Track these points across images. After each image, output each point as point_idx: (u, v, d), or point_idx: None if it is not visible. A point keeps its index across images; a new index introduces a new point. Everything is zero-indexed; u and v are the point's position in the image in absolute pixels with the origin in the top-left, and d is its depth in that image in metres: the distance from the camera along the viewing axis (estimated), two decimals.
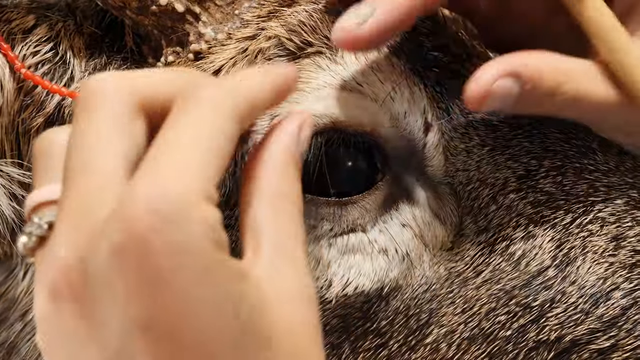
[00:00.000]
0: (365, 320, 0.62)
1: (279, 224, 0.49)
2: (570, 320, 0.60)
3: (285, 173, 0.51)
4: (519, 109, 0.59)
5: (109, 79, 0.49)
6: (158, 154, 0.46)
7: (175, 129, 0.47)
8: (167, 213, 0.43)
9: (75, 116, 0.49)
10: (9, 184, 0.63)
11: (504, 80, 0.56)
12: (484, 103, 0.57)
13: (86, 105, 0.49)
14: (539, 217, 0.62)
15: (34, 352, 0.67)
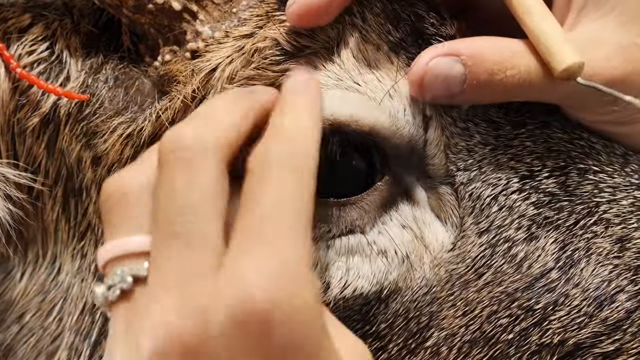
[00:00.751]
0: (364, 323, 0.61)
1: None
2: (574, 323, 0.59)
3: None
4: (471, 95, 0.59)
5: (201, 135, 0.50)
6: (252, 222, 0.48)
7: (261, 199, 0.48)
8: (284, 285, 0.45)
9: (166, 168, 0.49)
10: (4, 185, 0.63)
11: (441, 58, 0.58)
12: (424, 84, 0.59)
13: (180, 159, 0.49)
14: (542, 219, 0.61)
15: (31, 354, 0.67)
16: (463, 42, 0.60)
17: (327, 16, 0.59)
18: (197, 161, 0.49)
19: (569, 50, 0.57)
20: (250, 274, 0.46)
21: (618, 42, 0.60)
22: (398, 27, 0.62)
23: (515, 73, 0.58)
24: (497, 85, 0.59)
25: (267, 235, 0.47)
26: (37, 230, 0.67)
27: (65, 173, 0.65)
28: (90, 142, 0.64)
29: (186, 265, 0.47)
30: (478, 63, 0.58)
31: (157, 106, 0.62)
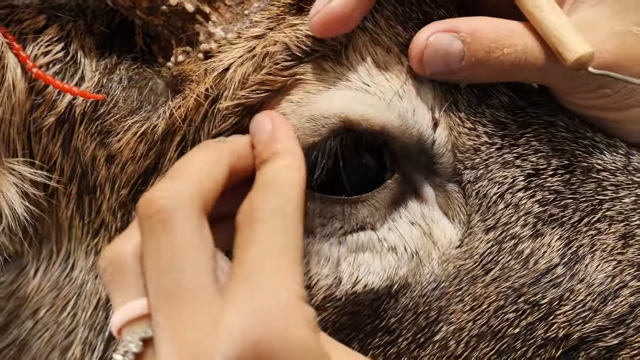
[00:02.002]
0: (374, 317, 0.62)
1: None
2: (579, 317, 0.61)
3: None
4: (469, 72, 0.61)
5: (173, 193, 0.52)
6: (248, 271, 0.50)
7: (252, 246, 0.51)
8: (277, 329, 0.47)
9: (147, 233, 0.52)
10: (21, 182, 0.64)
11: (440, 34, 0.60)
12: (424, 58, 0.60)
13: (157, 222, 0.51)
14: (547, 216, 0.63)
15: (45, 349, 0.67)
16: (462, 20, 0.61)
17: (349, 25, 0.61)
18: (172, 220, 0.51)
19: (581, 41, 0.59)
20: (243, 319, 0.48)
21: (611, 28, 0.62)
22: (407, 28, 0.63)
23: (512, 51, 0.60)
24: (494, 63, 0.60)
25: (257, 280, 0.49)
26: (51, 227, 0.68)
27: (80, 171, 0.66)
28: (104, 141, 0.65)
29: (182, 320, 0.49)
30: (476, 40, 0.60)
31: (171, 104, 0.63)
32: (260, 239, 0.51)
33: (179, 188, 0.52)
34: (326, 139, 0.61)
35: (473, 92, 0.64)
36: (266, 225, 0.52)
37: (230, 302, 0.49)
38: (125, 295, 0.53)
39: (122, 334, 0.53)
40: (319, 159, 0.61)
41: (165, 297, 0.50)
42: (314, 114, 0.61)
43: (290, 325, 0.48)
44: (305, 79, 0.62)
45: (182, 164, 0.56)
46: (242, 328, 0.47)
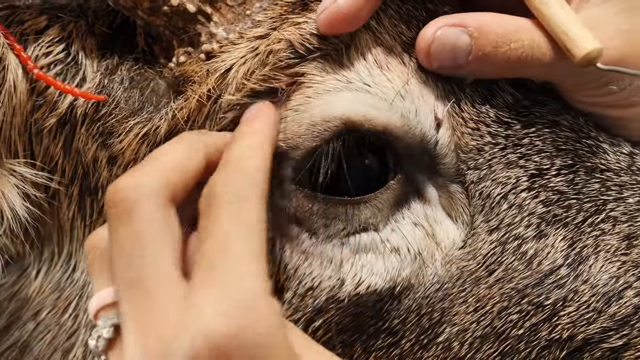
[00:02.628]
0: (377, 319, 0.62)
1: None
2: (583, 318, 0.60)
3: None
4: (476, 67, 0.61)
5: (138, 183, 0.52)
6: (211, 261, 0.50)
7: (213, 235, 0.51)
8: (241, 316, 0.47)
9: (112, 222, 0.52)
10: (22, 184, 0.64)
11: (448, 28, 0.60)
12: (431, 52, 0.61)
13: (122, 212, 0.51)
14: (550, 216, 0.62)
15: (47, 350, 0.67)
16: (470, 15, 0.62)
17: (357, 23, 0.61)
18: (136, 209, 0.51)
19: (589, 37, 0.59)
20: (209, 308, 0.47)
21: (618, 26, 0.62)
22: (410, 27, 0.63)
23: (519, 46, 0.60)
24: (501, 58, 0.60)
25: (221, 268, 0.49)
26: (53, 229, 0.67)
27: (82, 172, 0.66)
28: (106, 142, 0.65)
29: (147, 307, 0.49)
30: (484, 35, 0.60)
31: (173, 105, 0.63)
32: (221, 226, 0.51)
33: (144, 178, 0.52)
34: (328, 142, 0.61)
35: (477, 91, 0.64)
36: (227, 212, 0.51)
37: (195, 294, 0.48)
38: (100, 282, 0.54)
39: (97, 320, 0.53)
40: (322, 162, 0.61)
41: (128, 285, 0.50)
42: (314, 120, 0.61)
43: (256, 318, 0.48)
44: (305, 81, 0.62)
45: (153, 155, 0.56)
46: (206, 321, 0.47)
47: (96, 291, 0.54)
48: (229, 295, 0.48)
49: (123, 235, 0.51)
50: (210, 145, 0.57)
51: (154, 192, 0.52)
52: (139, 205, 0.51)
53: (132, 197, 0.51)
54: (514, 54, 0.60)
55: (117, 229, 0.51)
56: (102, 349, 0.52)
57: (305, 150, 0.61)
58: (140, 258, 0.50)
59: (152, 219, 0.51)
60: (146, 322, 0.49)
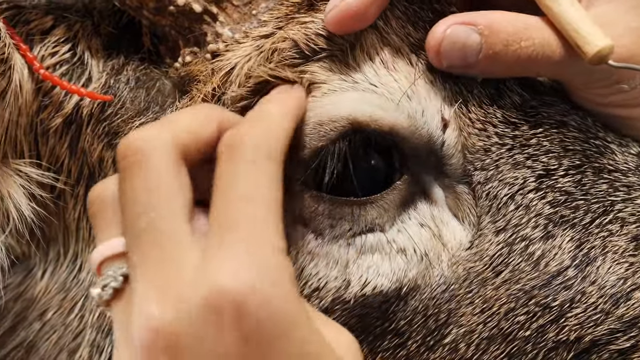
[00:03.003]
0: (383, 320, 0.62)
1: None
2: (590, 320, 0.60)
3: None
4: (486, 66, 0.60)
5: (150, 136, 0.52)
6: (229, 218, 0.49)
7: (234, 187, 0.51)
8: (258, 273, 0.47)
9: (123, 173, 0.52)
10: (28, 184, 0.64)
11: (458, 27, 0.60)
12: (441, 51, 0.60)
13: (133, 163, 0.51)
14: (558, 217, 0.62)
15: (53, 351, 0.67)
16: (480, 14, 0.61)
17: (365, 21, 0.61)
18: (148, 161, 0.51)
19: (600, 34, 0.59)
20: (226, 264, 0.47)
21: (628, 23, 0.62)
22: (417, 28, 0.63)
23: (530, 45, 0.60)
24: (511, 57, 0.60)
25: (241, 225, 0.49)
26: (58, 229, 0.67)
27: (87, 172, 0.66)
28: (112, 142, 0.65)
29: (161, 259, 0.49)
30: (494, 33, 0.60)
31: (178, 105, 0.63)
32: (242, 180, 0.51)
33: (157, 132, 0.52)
34: (335, 142, 0.61)
35: (484, 92, 0.63)
36: (250, 164, 0.51)
37: (211, 249, 0.48)
38: (108, 232, 0.53)
39: (102, 269, 0.53)
40: (328, 162, 0.60)
41: (139, 236, 0.50)
42: (321, 119, 0.61)
43: (271, 279, 0.48)
44: (311, 81, 0.61)
45: (168, 116, 0.56)
46: (221, 278, 0.47)
47: (102, 241, 0.53)
48: (247, 254, 0.48)
49: (135, 186, 0.51)
50: (225, 120, 0.56)
51: (167, 146, 0.51)
52: (151, 156, 0.51)
53: (145, 148, 0.51)
54: (524, 53, 0.60)
55: (129, 179, 0.51)
56: (106, 299, 0.52)
57: (311, 150, 0.60)
58: (153, 209, 0.50)
59: (165, 171, 0.51)
60: (160, 274, 0.48)
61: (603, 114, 0.66)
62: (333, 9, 0.60)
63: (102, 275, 0.52)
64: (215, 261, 0.48)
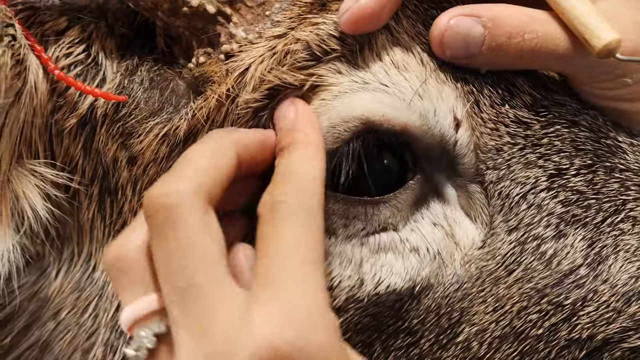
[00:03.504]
0: (396, 318, 0.62)
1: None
2: (602, 318, 0.60)
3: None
4: (489, 57, 0.61)
5: (174, 190, 0.52)
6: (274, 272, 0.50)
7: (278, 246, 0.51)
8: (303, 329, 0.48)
9: (153, 232, 0.52)
10: (42, 184, 0.64)
11: (462, 18, 0.61)
12: (444, 41, 0.61)
13: (162, 221, 0.51)
14: (570, 216, 0.62)
15: (67, 350, 0.68)
16: (484, 6, 0.62)
17: (379, 22, 0.61)
18: (177, 218, 0.51)
19: (607, 28, 0.59)
20: (272, 321, 0.48)
21: (633, 17, 0.62)
22: (428, 26, 0.63)
23: (533, 37, 0.60)
24: (514, 49, 0.61)
25: (286, 282, 0.50)
26: (73, 229, 0.68)
27: (102, 172, 0.66)
28: (126, 143, 0.65)
29: (205, 315, 0.49)
30: (498, 25, 0.60)
31: (193, 105, 0.63)
32: (284, 236, 0.52)
33: (181, 184, 0.52)
34: (348, 142, 0.61)
35: (496, 92, 0.64)
36: (290, 222, 0.52)
37: (256, 305, 0.49)
38: (134, 291, 0.53)
39: (134, 330, 0.53)
40: (342, 163, 0.61)
41: (180, 293, 0.50)
42: (333, 121, 0.61)
43: (316, 333, 0.48)
44: (321, 84, 0.62)
45: (186, 157, 0.56)
46: (267, 333, 0.48)
47: (130, 301, 0.53)
48: (290, 313, 0.48)
49: (169, 245, 0.51)
50: (239, 143, 0.57)
51: (193, 197, 0.52)
52: (180, 211, 0.51)
53: (172, 203, 0.51)
54: (527, 45, 0.61)
55: (161, 238, 0.51)
56: (143, 359, 0.52)
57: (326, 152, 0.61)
58: (191, 266, 0.50)
59: (196, 225, 0.51)
60: (206, 330, 0.49)
61: (608, 109, 0.66)
62: (347, 11, 0.60)
63: (135, 337, 0.53)
64: (261, 317, 0.48)
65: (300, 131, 0.59)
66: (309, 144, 0.58)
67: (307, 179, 0.55)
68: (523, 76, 0.65)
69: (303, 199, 0.53)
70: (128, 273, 0.54)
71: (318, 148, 0.58)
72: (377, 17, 0.60)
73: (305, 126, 0.59)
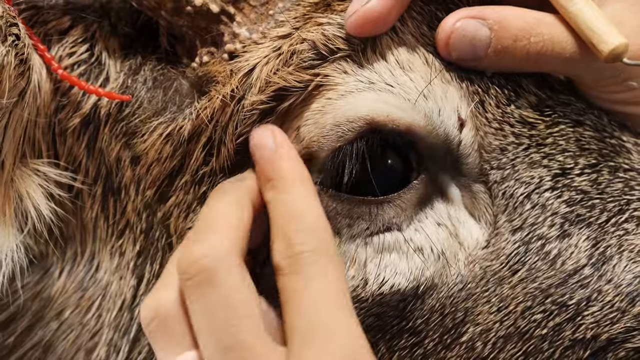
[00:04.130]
0: (400, 318, 0.62)
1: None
2: (607, 318, 0.60)
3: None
4: (495, 60, 0.61)
5: (211, 250, 0.53)
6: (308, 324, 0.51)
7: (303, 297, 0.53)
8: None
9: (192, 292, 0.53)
10: (46, 183, 0.64)
11: (468, 20, 0.61)
12: (450, 43, 0.61)
13: (202, 282, 0.53)
14: (574, 216, 0.62)
15: (70, 350, 0.68)
16: (490, 8, 0.62)
17: (386, 25, 0.61)
18: (216, 277, 0.53)
19: (615, 32, 0.59)
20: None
21: (638, 23, 0.62)
22: (433, 27, 0.63)
23: (539, 40, 0.60)
24: (520, 52, 0.61)
25: (318, 332, 0.51)
26: (76, 228, 0.68)
27: (105, 172, 0.66)
28: (129, 142, 0.65)
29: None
30: (504, 28, 0.60)
31: (197, 105, 0.63)
32: (315, 289, 0.53)
33: (218, 245, 0.54)
34: (352, 142, 0.61)
35: (501, 92, 0.64)
36: (316, 272, 0.53)
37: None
38: (172, 350, 0.55)
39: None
40: (346, 163, 0.61)
41: (225, 351, 0.51)
42: (338, 120, 0.61)
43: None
44: (327, 83, 0.62)
45: (210, 217, 0.57)
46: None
47: (170, 358, 0.54)
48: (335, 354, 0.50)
49: (212, 304, 0.52)
50: (252, 191, 0.59)
51: (230, 256, 0.53)
52: (218, 271, 0.52)
53: (212, 266, 0.53)
54: (533, 48, 0.61)
55: (203, 298, 0.52)
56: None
57: (329, 150, 0.61)
58: (237, 325, 0.51)
59: (235, 282, 0.53)
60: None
61: (615, 112, 0.66)
62: (354, 14, 0.60)
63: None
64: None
65: (286, 161, 0.58)
66: (299, 181, 0.57)
67: (314, 221, 0.56)
68: (529, 77, 0.65)
69: (320, 244, 0.54)
70: (166, 330, 0.55)
71: (309, 181, 0.58)
72: (383, 20, 0.60)
73: (289, 156, 0.59)
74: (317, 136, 0.61)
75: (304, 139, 0.61)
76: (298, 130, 0.62)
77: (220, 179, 0.63)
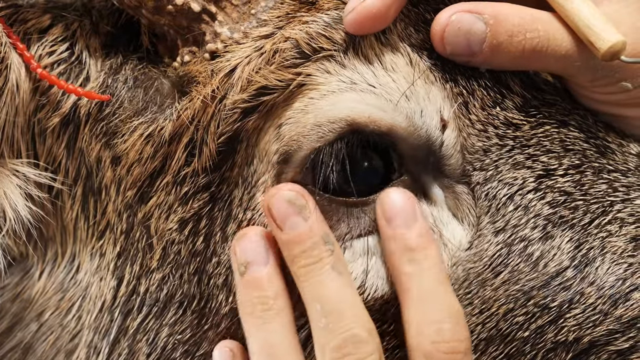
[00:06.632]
0: (382, 322, 0.62)
1: None
2: (589, 321, 0.60)
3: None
4: (490, 56, 0.60)
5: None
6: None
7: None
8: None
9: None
10: (24, 184, 0.63)
11: (463, 14, 0.60)
12: (445, 36, 0.60)
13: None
14: (557, 218, 0.62)
15: (50, 352, 0.67)
16: (486, 3, 0.61)
17: (385, 23, 0.60)
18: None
19: (612, 30, 0.59)
20: None
21: (634, 23, 0.62)
22: (419, 29, 0.63)
23: (535, 37, 0.60)
24: (515, 48, 0.60)
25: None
26: (56, 229, 0.67)
27: (85, 172, 0.65)
28: (109, 142, 0.64)
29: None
30: (499, 23, 0.60)
31: (178, 106, 0.62)
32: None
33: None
34: (332, 143, 0.60)
35: (487, 94, 0.63)
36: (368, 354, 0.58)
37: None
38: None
39: None
40: (326, 163, 0.60)
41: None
42: (319, 120, 0.60)
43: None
44: (309, 83, 0.61)
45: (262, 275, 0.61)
46: None
47: None
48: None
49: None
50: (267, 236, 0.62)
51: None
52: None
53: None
54: (529, 44, 0.60)
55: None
56: None
57: (308, 151, 0.60)
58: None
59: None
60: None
61: (608, 114, 0.66)
62: (352, 11, 0.59)
63: None
64: None
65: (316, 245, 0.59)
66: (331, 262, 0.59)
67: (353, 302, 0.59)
68: (516, 77, 0.64)
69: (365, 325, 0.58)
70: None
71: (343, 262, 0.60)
72: (382, 17, 0.59)
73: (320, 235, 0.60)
74: (298, 135, 0.60)
75: (284, 137, 0.61)
76: (279, 128, 0.61)
77: (203, 179, 0.62)
